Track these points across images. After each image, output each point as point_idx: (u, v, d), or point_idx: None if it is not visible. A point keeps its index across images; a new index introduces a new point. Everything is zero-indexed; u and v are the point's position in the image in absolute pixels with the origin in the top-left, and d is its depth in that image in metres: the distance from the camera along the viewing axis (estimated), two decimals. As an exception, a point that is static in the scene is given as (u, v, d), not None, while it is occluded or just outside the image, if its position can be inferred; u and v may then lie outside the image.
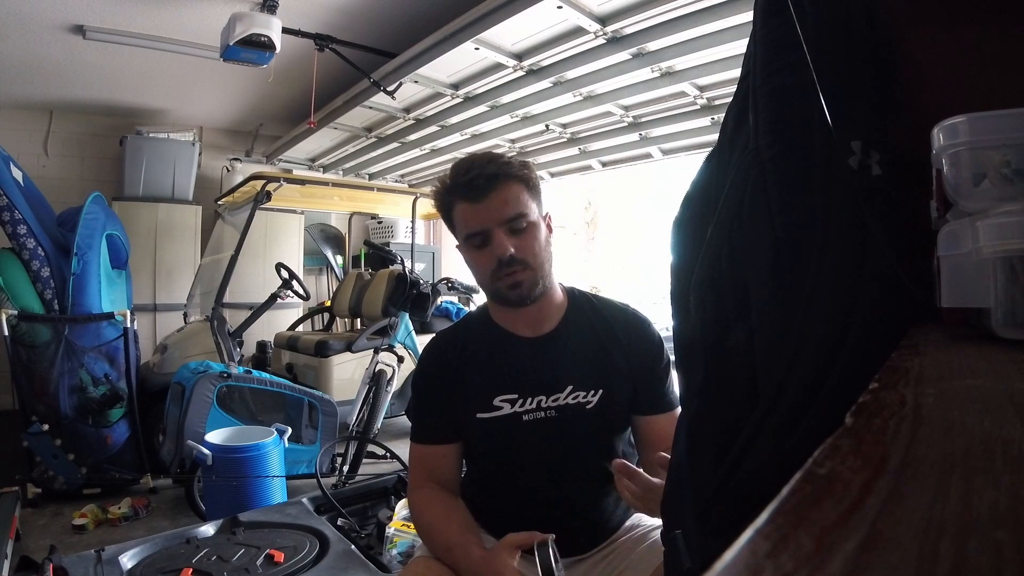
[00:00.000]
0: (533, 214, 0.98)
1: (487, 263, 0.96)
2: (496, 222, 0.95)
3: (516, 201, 0.96)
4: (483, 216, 0.95)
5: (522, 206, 0.96)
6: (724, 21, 2.18)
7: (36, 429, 2.50)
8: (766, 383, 0.48)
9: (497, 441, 1.01)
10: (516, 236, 0.96)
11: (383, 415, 2.93)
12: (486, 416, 1.00)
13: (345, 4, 2.87)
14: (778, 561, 0.13)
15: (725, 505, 0.48)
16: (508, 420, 0.99)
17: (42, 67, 3.53)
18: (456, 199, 0.97)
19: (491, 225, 0.95)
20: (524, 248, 0.96)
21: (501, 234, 0.94)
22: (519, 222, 0.96)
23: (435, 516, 0.96)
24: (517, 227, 0.96)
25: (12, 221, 2.50)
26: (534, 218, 0.98)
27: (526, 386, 1.00)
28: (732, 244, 0.53)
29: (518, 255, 0.95)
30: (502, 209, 0.95)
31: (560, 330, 1.03)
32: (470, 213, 0.96)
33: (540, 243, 0.98)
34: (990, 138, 0.39)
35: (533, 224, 0.97)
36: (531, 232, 0.97)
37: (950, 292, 0.41)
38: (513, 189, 0.96)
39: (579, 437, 1.00)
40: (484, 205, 0.95)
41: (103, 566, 1.32)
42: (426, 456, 1.03)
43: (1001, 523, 0.14)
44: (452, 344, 1.06)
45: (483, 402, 1.00)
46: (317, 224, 5.21)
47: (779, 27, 0.53)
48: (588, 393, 1.00)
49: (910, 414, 0.25)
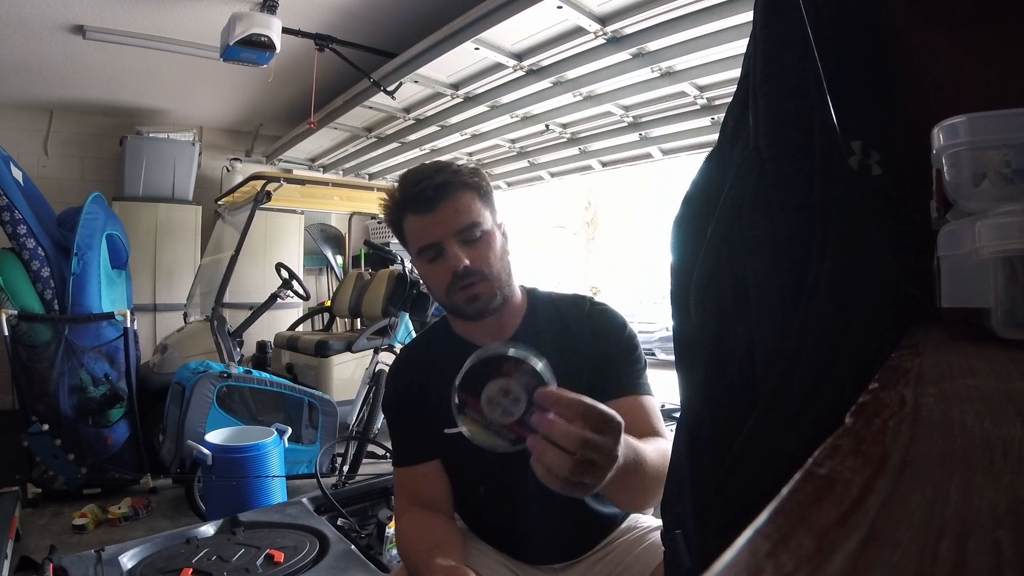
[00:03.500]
0: (487, 223, 0.93)
1: (442, 276, 0.92)
2: (448, 233, 0.90)
3: (468, 210, 0.91)
4: (434, 228, 0.91)
5: (475, 215, 0.92)
6: (724, 21, 2.18)
7: (36, 429, 2.50)
8: (766, 383, 0.48)
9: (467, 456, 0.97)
10: (470, 247, 0.91)
11: (383, 415, 2.93)
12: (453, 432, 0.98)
13: (345, 4, 2.87)
14: (778, 561, 0.13)
15: (725, 505, 0.48)
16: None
17: (42, 67, 3.54)
18: (406, 212, 0.93)
19: (443, 237, 0.90)
20: (479, 258, 0.91)
21: (454, 245, 0.90)
22: (472, 232, 0.91)
23: (409, 541, 0.93)
24: (470, 237, 0.91)
25: (12, 221, 2.50)
26: (488, 227, 0.93)
27: None
28: (732, 244, 0.53)
29: (473, 266, 0.90)
30: (454, 219, 0.90)
31: (520, 334, 0.99)
32: (420, 225, 0.92)
33: (496, 252, 0.94)
34: (990, 138, 0.39)
35: (487, 233, 0.93)
36: (486, 241, 0.93)
37: (950, 292, 0.41)
38: (464, 198, 0.92)
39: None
40: (434, 216, 0.90)
41: (103, 566, 1.32)
42: (407, 479, 0.99)
43: (1001, 523, 0.14)
44: (416, 361, 1.03)
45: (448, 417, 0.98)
46: (317, 224, 5.21)
47: (779, 27, 0.53)
48: None
49: (910, 414, 0.25)
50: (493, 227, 0.95)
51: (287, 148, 4.54)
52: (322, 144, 4.46)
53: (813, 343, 0.44)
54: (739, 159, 0.54)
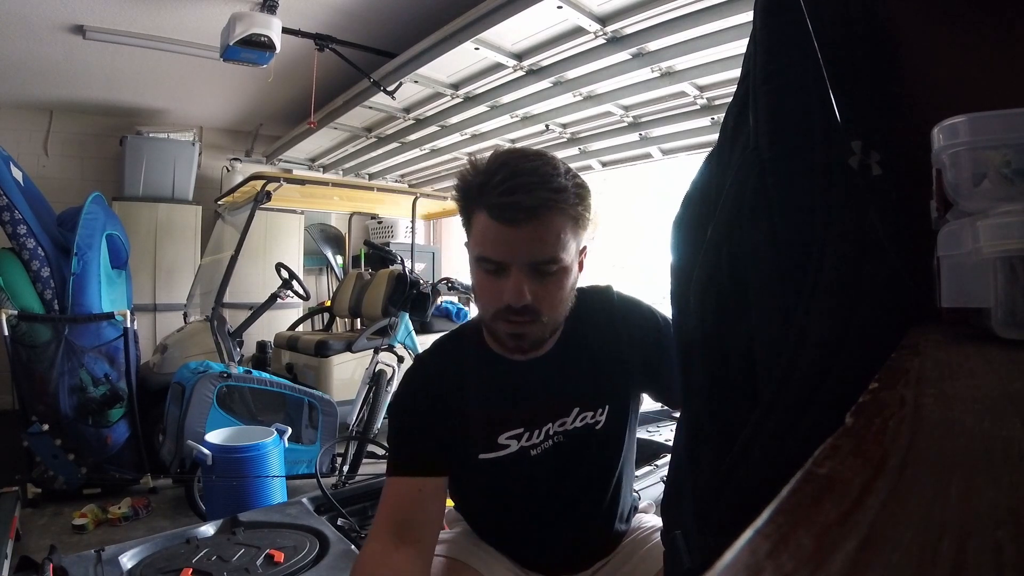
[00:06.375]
0: (569, 256, 0.80)
1: (494, 297, 0.81)
2: (521, 260, 0.78)
3: (554, 243, 0.78)
4: (507, 246, 0.78)
5: (559, 248, 0.78)
6: (724, 21, 2.18)
7: (36, 429, 2.50)
8: (766, 383, 0.48)
9: (500, 480, 0.91)
10: (538, 281, 0.79)
11: (383, 415, 2.93)
12: (490, 456, 0.88)
13: (345, 4, 2.87)
14: (778, 561, 0.13)
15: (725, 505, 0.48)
16: (515, 457, 0.89)
17: (42, 67, 3.53)
18: (482, 210, 0.79)
19: (513, 261, 0.78)
20: (543, 297, 0.80)
21: (522, 276, 0.78)
22: (548, 266, 0.79)
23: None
24: (544, 271, 0.79)
25: (12, 221, 2.50)
26: (568, 262, 0.81)
27: (532, 417, 0.89)
28: (732, 244, 0.53)
29: (533, 304, 0.79)
30: (532, 248, 0.78)
31: (560, 345, 0.91)
32: (493, 235, 0.78)
33: (565, 290, 0.83)
34: (990, 138, 0.39)
35: (564, 269, 0.81)
36: (558, 278, 0.81)
37: (950, 292, 0.41)
38: (555, 225, 0.78)
39: (587, 459, 0.92)
40: (513, 234, 0.77)
41: (103, 566, 1.32)
42: (400, 492, 0.85)
43: (1001, 523, 0.14)
44: (442, 369, 0.93)
45: (487, 441, 0.89)
46: (317, 224, 5.21)
47: (779, 27, 0.53)
48: (596, 412, 0.90)
49: (910, 414, 0.25)
50: (573, 260, 0.83)
51: (287, 148, 4.54)
52: (322, 144, 4.46)
53: (813, 343, 0.44)
54: (739, 159, 0.54)
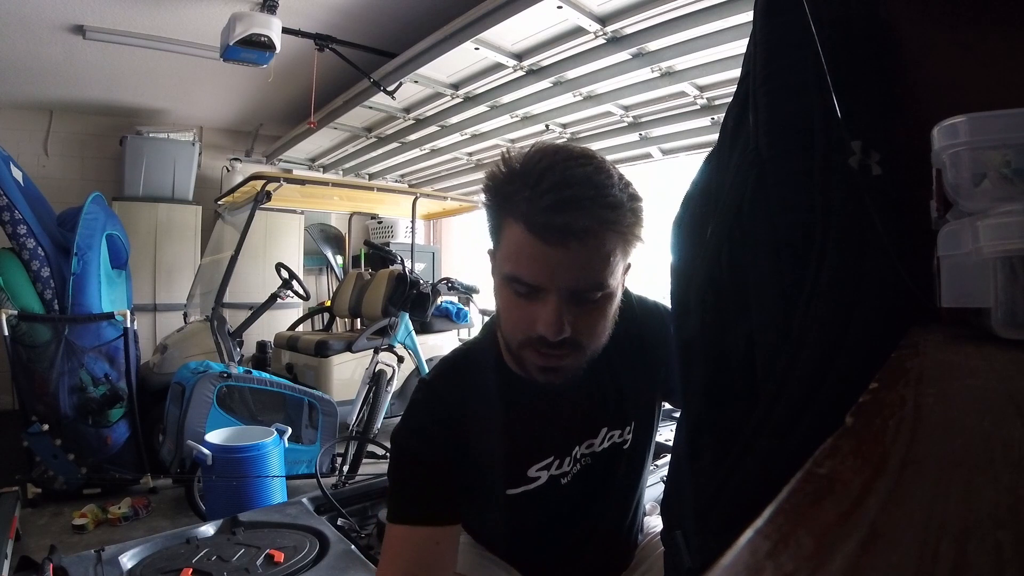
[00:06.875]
0: (615, 280, 0.68)
1: (524, 323, 0.68)
2: (562, 286, 0.65)
3: (601, 268, 0.66)
4: (547, 269, 0.65)
5: (606, 274, 0.66)
6: (724, 21, 2.18)
7: (36, 429, 2.50)
8: (766, 383, 0.48)
9: (526, 513, 0.83)
10: (579, 308, 0.67)
11: (383, 415, 2.93)
12: (518, 491, 0.80)
13: (345, 4, 2.87)
14: (778, 561, 0.13)
15: (725, 505, 0.48)
16: (544, 488, 0.80)
17: (42, 67, 3.53)
18: (518, 220, 0.65)
19: (552, 286, 0.65)
20: (584, 328, 0.68)
21: (561, 304, 0.66)
22: (592, 294, 0.67)
23: None
24: (587, 299, 0.67)
25: (12, 221, 2.50)
26: (613, 288, 0.69)
27: (561, 444, 0.81)
28: (732, 244, 0.53)
29: (572, 335, 0.67)
30: (577, 273, 0.65)
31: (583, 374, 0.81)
32: (530, 252, 0.65)
33: (608, 320, 0.71)
34: (990, 138, 0.39)
35: (609, 296, 0.69)
36: (601, 307, 0.69)
37: (950, 292, 0.41)
38: (605, 248, 0.65)
39: (613, 480, 0.87)
40: (555, 256, 0.64)
41: (103, 566, 1.32)
42: (412, 545, 0.74)
43: (1001, 523, 0.14)
44: (459, 398, 0.80)
45: (515, 475, 0.80)
46: (317, 224, 5.21)
47: (779, 27, 0.53)
48: (624, 431, 0.84)
49: (910, 414, 0.25)
50: (618, 284, 0.70)
51: (287, 148, 4.54)
52: (322, 144, 4.46)
53: (813, 343, 0.44)
54: (739, 159, 0.54)
